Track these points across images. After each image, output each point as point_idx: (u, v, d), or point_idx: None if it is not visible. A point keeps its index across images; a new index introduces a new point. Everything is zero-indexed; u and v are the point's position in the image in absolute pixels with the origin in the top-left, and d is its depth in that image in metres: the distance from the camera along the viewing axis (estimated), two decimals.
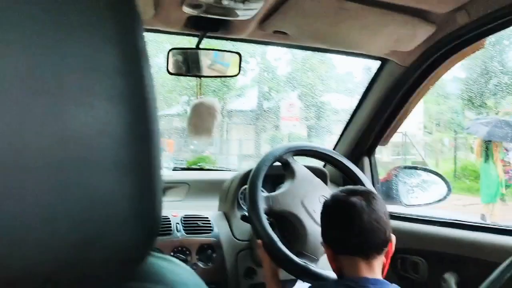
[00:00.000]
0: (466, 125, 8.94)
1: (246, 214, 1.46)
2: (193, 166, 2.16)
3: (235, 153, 14.10)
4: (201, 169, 2.16)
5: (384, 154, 10.71)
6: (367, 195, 1.03)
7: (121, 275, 0.36)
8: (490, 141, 6.03)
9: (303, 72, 12.84)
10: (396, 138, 10.18)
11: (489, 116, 9.11)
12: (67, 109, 0.29)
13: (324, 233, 1.10)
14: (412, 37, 1.36)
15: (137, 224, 0.33)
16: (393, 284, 1.04)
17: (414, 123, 10.08)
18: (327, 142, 11.58)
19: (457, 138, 10.22)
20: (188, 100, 13.19)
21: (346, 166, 1.63)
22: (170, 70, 1.30)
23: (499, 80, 9.35)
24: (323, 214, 1.11)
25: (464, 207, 6.84)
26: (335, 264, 1.07)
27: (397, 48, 1.45)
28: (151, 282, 0.40)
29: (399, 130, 1.88)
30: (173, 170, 1.96)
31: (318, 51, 1.59)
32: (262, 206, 1.41)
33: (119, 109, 0.30)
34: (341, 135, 1.89)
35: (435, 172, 1.93)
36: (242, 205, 1.67)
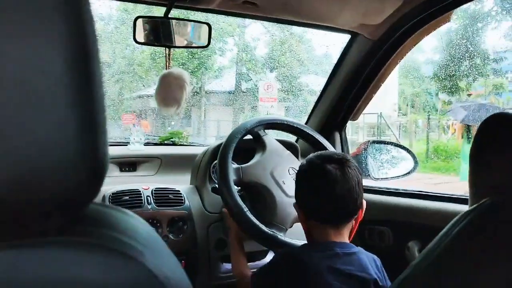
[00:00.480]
0: (448, 109, 9.20)
1: (217, 186, 1.48)
2: (165, 142, 2.14)
3: (213, 134, 14.06)
4: (174, 144, 2.15)
5: (360, 135, 10.88)
6: (342, 163, 1.04)
7: (64, 218, 0.36)
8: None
9: (282, 53, 12.82)
10: (371, 119, 10.33)
11: (468, 100, 9.37)
12: (3, 49, 0.29)
13: (297, 196, 1.12)
14: (379, 10, 1.37)
15: (79, 165, 0.33)
16: (359, 247, 1.08)
17: (390, 104, 10.24)
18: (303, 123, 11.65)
19: (430, 119, 10.44)
20: None
21: (317, 139, 1.66)
22: (137, 39, 1.27)
23: (471, 62, 9.54)
24: (298, 177, 1.13)
25: (435, 186, 7.04)
26: (306, 225, 1.11)
27: (366, 22, 1.46)
28: (99, 227, 0.39)
29: (374, 110, 1.91)
30: (144, 144, 1.94)
31: (288, 24, 1.59)
32: (232, 177, 1.42)
33: (59, 49, 0.30)
34: (313, 110, 1.90)
35: (403, 146, 1.98)
36: (214, 179, 1.67)
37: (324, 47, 13.14)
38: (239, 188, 1.49)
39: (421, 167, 8.43)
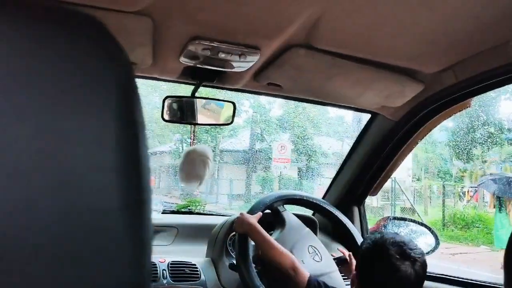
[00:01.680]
0: (479, 181, 9.38)
1: (235, 262, 1.45)
2: (183, 210, 2.14)
3: (226, 193, 14.00)
4: (191, 212, 2.14)
5: (373, 199, 10.72)
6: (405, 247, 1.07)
7: None
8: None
9: (295, 115, 13.02)
10: (386, 183, 10.24)
11: (498, 173, 9.43)
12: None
13: (362, 273, 1.14)
14: (401, 94, 1.41)
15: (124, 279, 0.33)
16: None
17: (403, 169, 10.17)
18: (316, 185, 11.58)
19: (445, 185, 10.29)
20: (181, 138, 13.23)
21: (335, 215, 1.65)
22: (165, 117, 1.32)
23: (486, 130, 9.55)
24: (364, 255, 1.15)
25: (453, 256, 6.80)
26: None
27: (387, 104, 1.50)
28: None
29: None
30: (162, 213, 1.95)
31: (310, 103, 1.63)
32: (250, 254, 1.40)
33: (119, 181, 0.32)
34: (331, 184, 1.90)
35: (423, 224, 1.94)
36: (231, 252, 1.65)
37: (337, 110, 13.35)
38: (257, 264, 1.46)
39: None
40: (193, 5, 0.98)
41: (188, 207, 2.15)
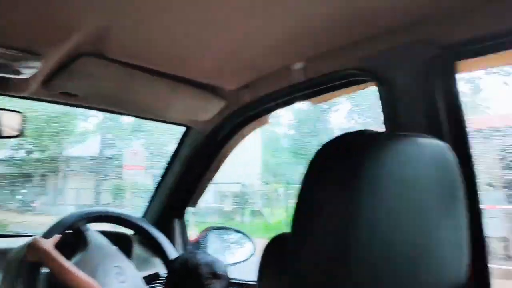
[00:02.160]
0: None
1: None
2: None
3: (72, 203, 12.88)
4: None
5: (226, 204, 11.06)
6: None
7: None
8: None
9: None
10: (236, 188, 10.64)
11: None
12: None
13: None
14: (206, 109, 1.43)
15: None
16: None
17: (253, 174, 10.72)
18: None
19: (290, 188, 11.15)
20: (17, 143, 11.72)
21: (145, 229, 1.60)
22: None
23: (322, 138, 10.67)
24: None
25: None
26: None
27: (195, 118, 1.51)
28: None
29: (238, 180, 1.93)
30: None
31: (114, 113, 1.55)
32: (40, 285, 1.25)
33: None
34: (150, 201, 1.85)
35: (241, 232, 2.01)
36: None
37: None
38: None
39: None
40: None
41: None
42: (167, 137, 12.67)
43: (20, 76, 1.15)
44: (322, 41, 1.08)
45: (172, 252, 1.61)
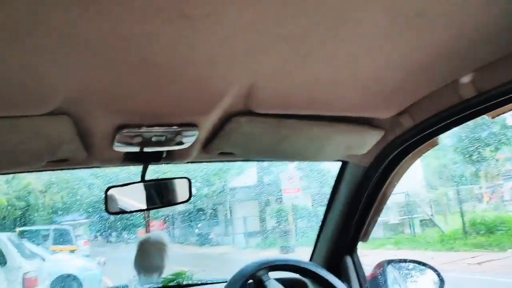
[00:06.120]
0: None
1: None
2: (170, 284, 2.01)
3: (241, 232, 13.79)
4: (179, 286, 2.02)
5: (391, 216, 10.44)
6: None
7: None
8: None
9: None
10: (399, 198, 9.96)
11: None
12: None
13: None
14: (362, 143, 1.32)
15: None
16: None
17: (416, 181, 9.92)
18: None
19: (461, 190, 10.00)
20: None
21: (320, 276, 1.52)
22: (110, 210, 1.22)
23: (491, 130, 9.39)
24: None
25: (480, 265, 6.50)
26: None
27: (351, 153, 1.41)
28: None
29: (401, 190, 1.78)
30: None
31: (271, 161, 1.54)
32: None
33: None
34: (316, 241, 1.79)
35: (423, 263, 1.80)
36: None
37: None
38: None
39: (462, 245, 7.85)
40: (110, 96, 0.91)
41: (175, 281, 2.02)
42: None
43: (183, 147, 1.21)
44: (492, 50, 0.90)
45: None
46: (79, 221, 12.18)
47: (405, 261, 1.88)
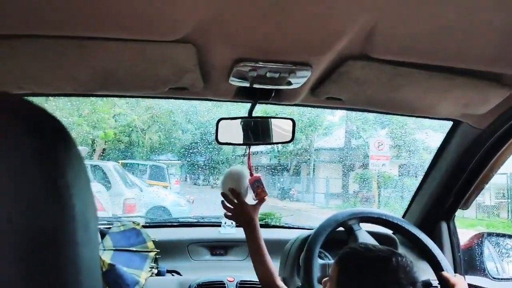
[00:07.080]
0: None
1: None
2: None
3: (322, 192, 13.84)
4: (266, 225, 2.11)
5: (486, 197, 9.71)
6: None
7: None
8: None
9: None
10: (499, 179, 9.17)
11: None
12: None
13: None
14: (483, 101, 1.22)
15: None
16: None
17: None
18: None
19: None
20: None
21: (414, 235, 1.49)
22: (220, 140, 1.30)
23: None
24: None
25: None
26: None
27: (468, 112, 1.31)
28: None
29: (501, 171, 1.67)
30: (236, 226, 1.94)
31: (378, 113, 1.50)
32: (316, 275, 1.32)
33: None
34: (412, 200, 1.73)
35: None
36: None
37: None
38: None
39: None
40: (232, 28, 0.95)
41: (264, 220, 2.12)
42: (414, 125, 12.07)
43: (292, 87, 1.23)
44: None
45: (442, 258, 1.46)
46: (172, 161, 13.12)
47: (505, 235, 1.77)
